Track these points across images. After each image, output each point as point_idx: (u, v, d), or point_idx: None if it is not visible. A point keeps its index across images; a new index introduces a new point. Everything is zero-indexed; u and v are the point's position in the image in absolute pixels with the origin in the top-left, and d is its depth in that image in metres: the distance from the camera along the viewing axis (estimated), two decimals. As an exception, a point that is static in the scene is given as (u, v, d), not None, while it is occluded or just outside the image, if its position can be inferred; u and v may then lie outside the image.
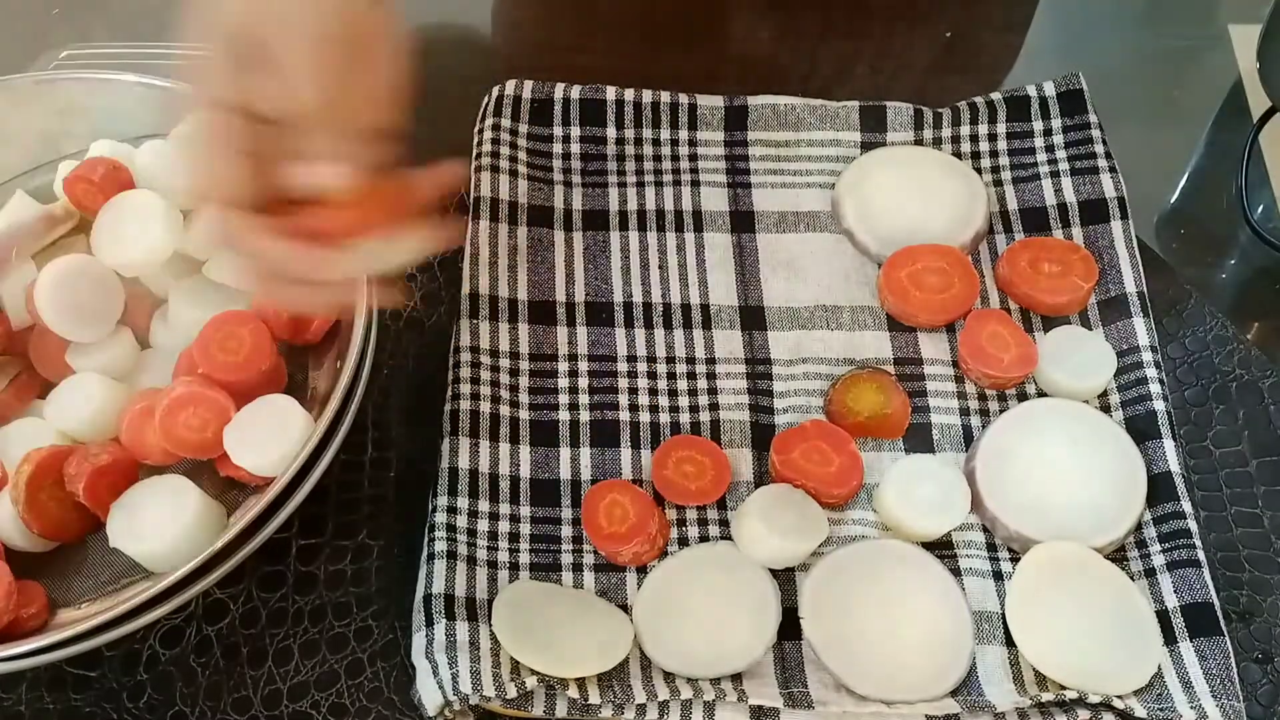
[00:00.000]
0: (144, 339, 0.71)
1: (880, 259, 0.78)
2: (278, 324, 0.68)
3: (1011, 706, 0.63)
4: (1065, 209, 0.79)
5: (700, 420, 0.73)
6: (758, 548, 0.67)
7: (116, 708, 0.65)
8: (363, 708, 0.65)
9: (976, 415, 0.73)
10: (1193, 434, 0.73)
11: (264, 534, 0.61)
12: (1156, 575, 0.67)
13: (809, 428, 0.71)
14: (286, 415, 0.64)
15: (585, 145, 0.81)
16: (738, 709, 0.63)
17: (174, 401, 0.64)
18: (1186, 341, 0.76)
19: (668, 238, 0.79)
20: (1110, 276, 0.76)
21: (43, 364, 0.70)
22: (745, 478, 0.71)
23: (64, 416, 0.67)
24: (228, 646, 0.67)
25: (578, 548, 0.69)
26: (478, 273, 0.76)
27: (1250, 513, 0.71)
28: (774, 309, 0.77)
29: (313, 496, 0.63)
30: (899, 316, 0.76)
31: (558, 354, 0.75)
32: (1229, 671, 0.63)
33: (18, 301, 0.68)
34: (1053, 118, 0.82)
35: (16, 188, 0.72)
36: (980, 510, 0.69)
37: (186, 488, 0.63)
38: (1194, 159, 0.87)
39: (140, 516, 0.63)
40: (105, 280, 0.69)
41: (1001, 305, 0.77)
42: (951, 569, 0.68)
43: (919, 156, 0.81)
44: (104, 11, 0.92)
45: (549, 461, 0.71)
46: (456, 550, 0.67)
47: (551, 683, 0.62)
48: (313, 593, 0.68)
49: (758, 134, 0.82)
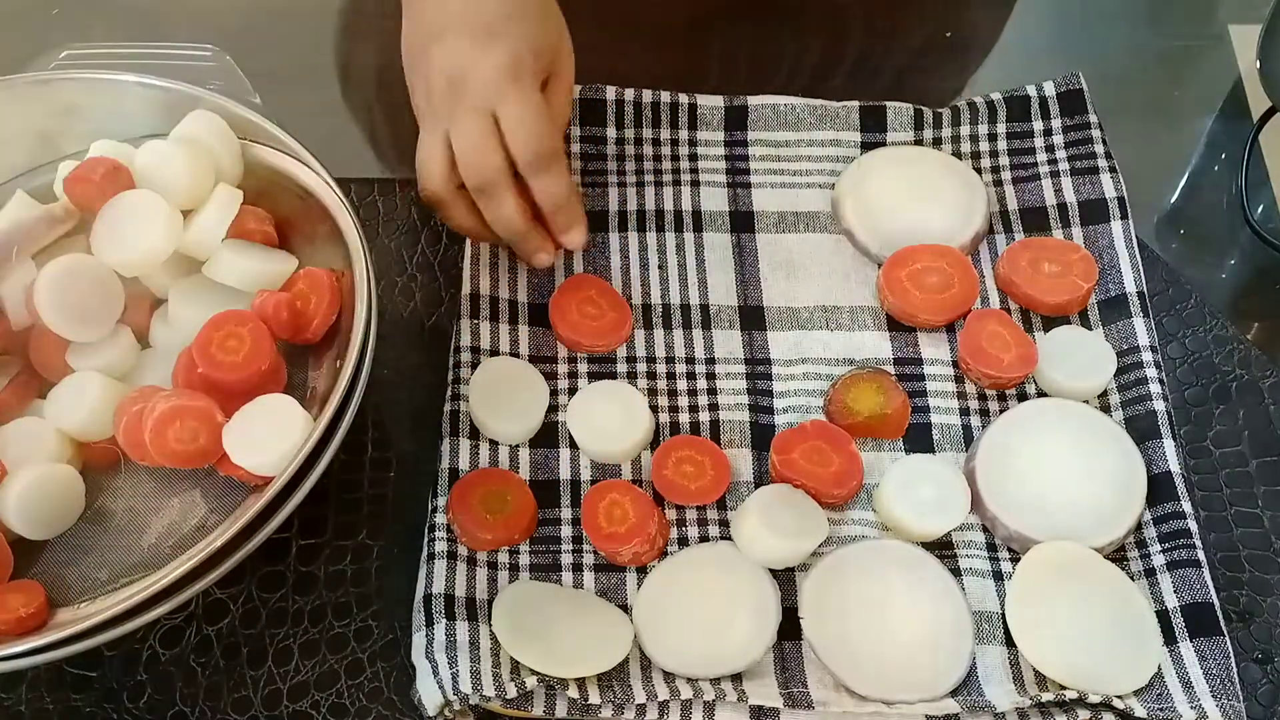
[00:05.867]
0: (144, 339, 0.71)
1: (880, 259, 0.78)
2: (278, 324, 0.68)
3: (1011, 706, 0.63)
4: (1065, 209, 0.79)
5: (700, 420, 0.73)
6: (758, 548, 0.67)
7: (116, 708, 0.65)
8: (363, 708, 0.65)
9: (976, 415, 0.73)
10: (1193, 434, 0.73)
11: (264, 534, 0.61)
12: (1156, 575, 0.67)
13: (809, 428, 0.71)
14: (286, 415, 0.64)
15: (585, 145, 0.81)
16: (738, 709, 0.63)
17: (159, 419, 0.63)
18: (1186, 341, 0.76)
19: (667, 238, 0.79)
20: (1110, 276, 0.76)
21: (43, 364, 0.70)
22: (745, 478, 0.71)
23: (64, 416, 0.67)
24: (228, 646, 0.67)
25: (578, 548, 0.69)
26: (478, 273, 0.76)
27: (1250, 513, 0.71)
28: (774, 309, 0.77)
29: (313, 496, 0.63)
30: (899, 316, 0.76)
31: (557, 355, 0.75)
32: (1229, 671, 0.63)
33: (18, 301, 0.68)
34: (1053, 118, 0.82)
35: (16, 188, 0.72)
36: (980, 510, 0.69)
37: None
38: (1194, 159, 0.87)
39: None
40: (105, 280, 0.69)
41: (1001, 305, 0.77)
42: (951, 569, 0.68)
43: (919, 156, 0.81)
44: (104, 11, 0.92)
45: (549, 461, 0.71)
46: (456, 550, 0.67)
47: (551, 683, 0.62)
48: (313, 593, 0.68)
49: (758, 134, 0.82)
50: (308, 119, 0.76)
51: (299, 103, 0.85)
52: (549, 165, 0.70)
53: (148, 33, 0.88)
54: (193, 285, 0.70)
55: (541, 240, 0.73)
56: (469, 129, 0.69)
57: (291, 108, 0.79)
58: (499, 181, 0.69)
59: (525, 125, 0.68)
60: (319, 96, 0.87)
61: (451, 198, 0.71)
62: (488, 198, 0.70)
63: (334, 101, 0.87)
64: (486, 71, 0.68)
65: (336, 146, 0.74)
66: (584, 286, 0.75)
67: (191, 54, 0.86)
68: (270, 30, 0.91)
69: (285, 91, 0.85)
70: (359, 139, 0.86)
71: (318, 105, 0.86)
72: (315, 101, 0.87)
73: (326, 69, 0.89)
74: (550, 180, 0.70)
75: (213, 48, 0.86)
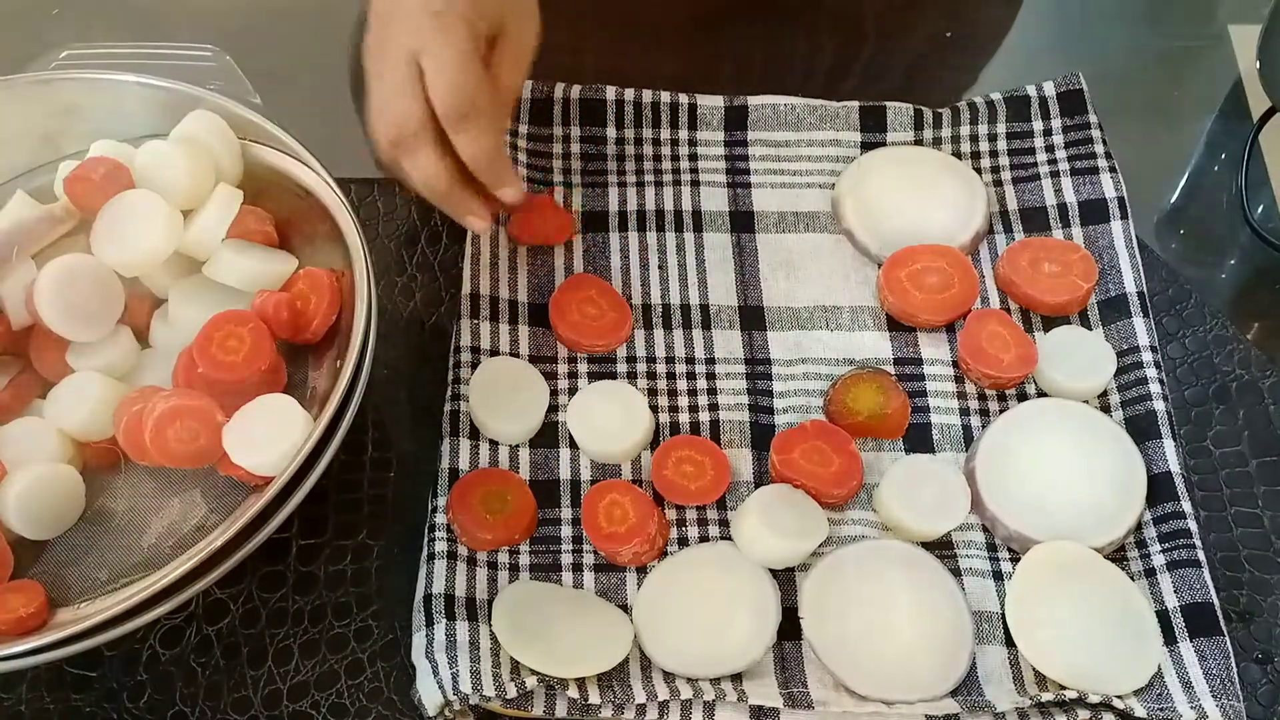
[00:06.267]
0: (144, 339, 0.71)
1: (880, 259, 0.78)
2: (278, 324, 0.68)
3: (1011, 706, 0.63)
4: (1065, 209, 0.79)
5: (700, 420, 0.73)
6: (758, 548, 0.67)
7: (116, 708, 0.65)
8: (363, 708, 0.65)
9: (976, 415, 0.73)
10: (1193, 434, 0.73)
11: (264, 534, 0.61)
12: (1156, 575, 0.67)
13: (809, 428, 0.71)
14: (286, 415, 0.64)
15: (585, 145, 0.81)
16: (738, 709, 0.63)
17: (160, 419, 0.63)
18: (1186, 341, 0.76)
19: (667, 238, 0.79)
20: (1110, 276, 0.76)
21: (43, 364, 0.70)
22: (745, 478, 0.71)
23: (64, 416, 0.67)
24: (228, 646, 0.67)
25: (578, 548, 0.69)
26: (478, 273, 0.76)
27: (1250, 513, 0.71)
28: (774, 309, 0.77)
29: (313, 496, 0.63)
30: (899, 316, 0.76)
31: (557, 355, 0.75)
32: (1229, 671, 0.63)
33: (18, 301, 0.68)
34: (1053, 118, 0.82)
35: (16, 188, 0.72)
36: (980, 510, 0.69)
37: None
38: (1194, 159, 0.87)
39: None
40: (105, 280, 0.69)
41: (1001, 305, 0.77)
42: (951, 569, 0.68)
43: (919, 156, 0.81)
44: (104, 11, 0.92)
45: (549, 461, 0.71)
46: (457, 550, 0.67)
47: (551, 683, 0.62)
48: (313, 593, 0.68)
49: (758, 134, 0.82)
50: (308, 119, 0.76)
51: (299, 103, 0.85)
52: (470, 120, 0.63)
53: (148, 33, 0.88)
54: (193, 285, 0.70)
55: (469, 201, 0.67)
56: (388, 75, 0.63)
57: (291, 108, 0.80)
58: (417, 134, 0.63)
59: (445, 74, 0.62)
60: (319, 96, 0.87)
61: (392, 158, 0.65)
62: (406, 152, 0.65)
63: (334, 101, 0.87)
64: (411, 7, 0.62)
65: (336, 146, 0.73)
66: (584, 286, 0.75)
67: (191, 54, 0.86)
68: (270, 30, 0.91)
69: (285, 91, 0.85)
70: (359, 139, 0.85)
71: (318, 105, 0.86)
72: (315, 101, 0.87)
73: (326, 69, 0.89)
74: (471, 137, 0.64)
75: (213, 48, 0.86)
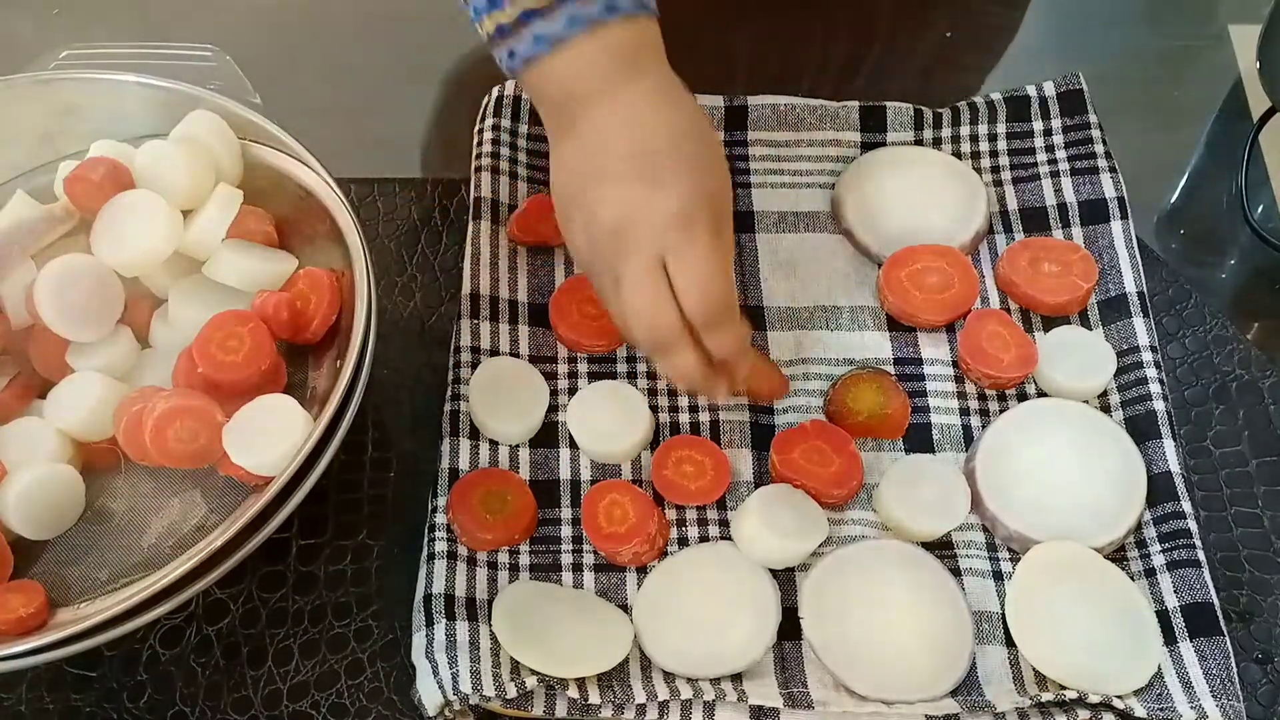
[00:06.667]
0: (144, 339, 0.71)
1: (880, 259, 0.77)
2: (278, 324, 0.68)
3: (1011, 706, 0.63)
4: (1065, 209, 0.79)
5: (700, 420, 0.73)
6: (758, 548, 0.67)
7: (116, 708, 0.65)
8: (363, 708, 0.65)
9: (976, 415, 0.73)
10: (1193, 434, 0.73)
11: (264, 534, 0.61)
12: (1156, 575, 0.67)
13: (809, 428, 0.71)
14: (286, 415, 0.64)
15: (585, 145, 0.81)
16: (738, 709, 0.63)
17: (160, 418, 0.63)
18: (1186, 341, 0.76)
19: (668, 238, 0.79)
20: (1110, 276, 0.76)
21: (43, 364, 0.70)
22: (745, 478, 0.71)
23: (64, 416, 0.67)
24: (228, 646, 0.67)
25: (578, 548, 0.69)
26: (478, 273, 0.76)
27: (1250, 513, 0.71)
28: (774, 309, 0.77)
29: (313, 496, 0.63)
30: (899, 316, 0.76)
31: (557, 355, 0.75)
32: (1229, 671, 0.63)
33: (18, 301, 0.68)
34: (1053, 118, 0.82)
35: (16, 188, 0.72)
36: (980, 510, 0.69)
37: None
38: (1194, 159, 0.87)
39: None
40: (105, 280, 0.69)
41: (1001, 305, 0.77)
42: (951, 569, 0.68)
43: (919, 156, 0.81)
44: (104, 11, 0.92)
45: (549, 461, 0.71)
46: (457, 550, 0.67)
47: (551, 683, 0.62)
48: (313, 593, 0.68)
49: (758, 134, 0.82)
50: (308, 119, 0.76)
51: (299, 103, 0.85)
52: (723, 322, 0.64)
53: (148, 33, 0.88)
54: (193, 285, 0.70)
55: (718, 384, 0.67)
56: (640, 283, 0.63)
57: (291, 108, 0.80)
58: (676, 340, 0.64)
59: (699, 284, 0.62)
60: (319, 96, 0.87)
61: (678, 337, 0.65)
62: (664, 354, 0.65)
63: (334, 101, 0.87)
64: (656, 219, 0.62)
65: (336, 146, 0.73)
66: (584, 286, 0.75)
67: (191, 54, 0.86)
68: (270, 30, 0.91)
69: (285, 91, 0.85)
70: (359, 139, 0.86)
71: (318, 105, 0.86)
72: (315, 101, 0.87)
73: (326, 69, 0.89)
74: (723, 335, 0.65)
75: (213, 48, 0.86)
